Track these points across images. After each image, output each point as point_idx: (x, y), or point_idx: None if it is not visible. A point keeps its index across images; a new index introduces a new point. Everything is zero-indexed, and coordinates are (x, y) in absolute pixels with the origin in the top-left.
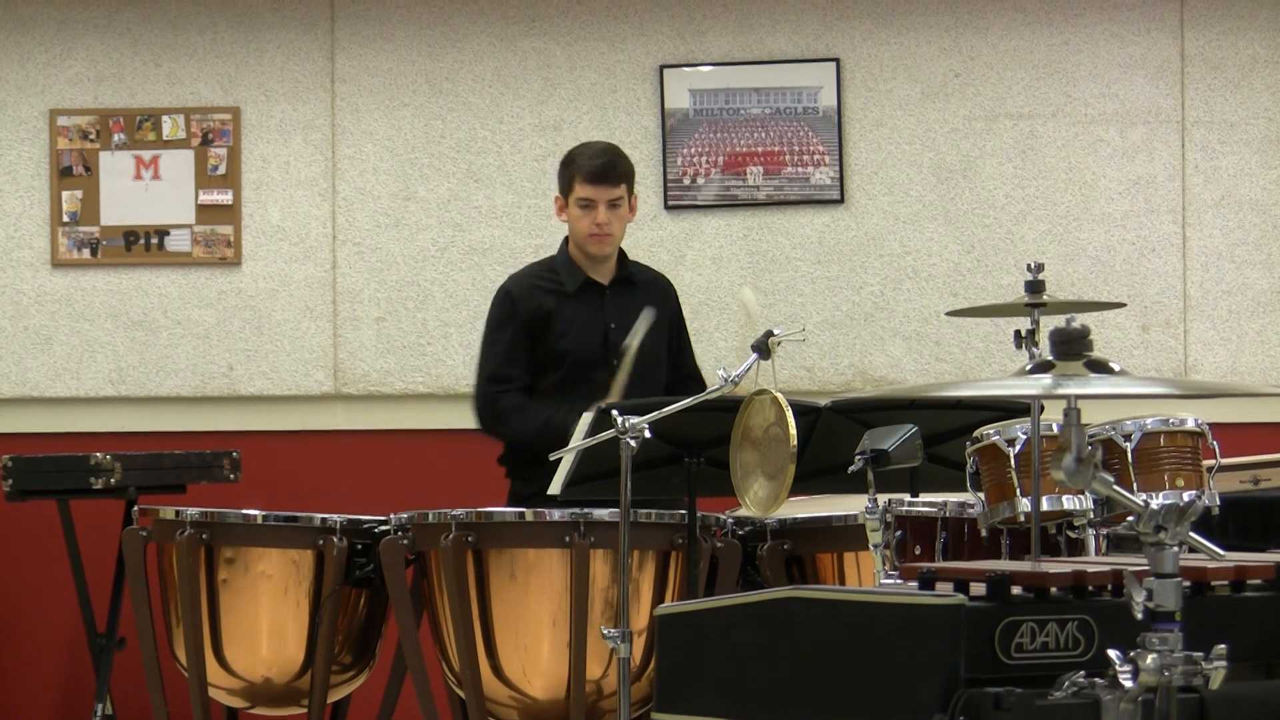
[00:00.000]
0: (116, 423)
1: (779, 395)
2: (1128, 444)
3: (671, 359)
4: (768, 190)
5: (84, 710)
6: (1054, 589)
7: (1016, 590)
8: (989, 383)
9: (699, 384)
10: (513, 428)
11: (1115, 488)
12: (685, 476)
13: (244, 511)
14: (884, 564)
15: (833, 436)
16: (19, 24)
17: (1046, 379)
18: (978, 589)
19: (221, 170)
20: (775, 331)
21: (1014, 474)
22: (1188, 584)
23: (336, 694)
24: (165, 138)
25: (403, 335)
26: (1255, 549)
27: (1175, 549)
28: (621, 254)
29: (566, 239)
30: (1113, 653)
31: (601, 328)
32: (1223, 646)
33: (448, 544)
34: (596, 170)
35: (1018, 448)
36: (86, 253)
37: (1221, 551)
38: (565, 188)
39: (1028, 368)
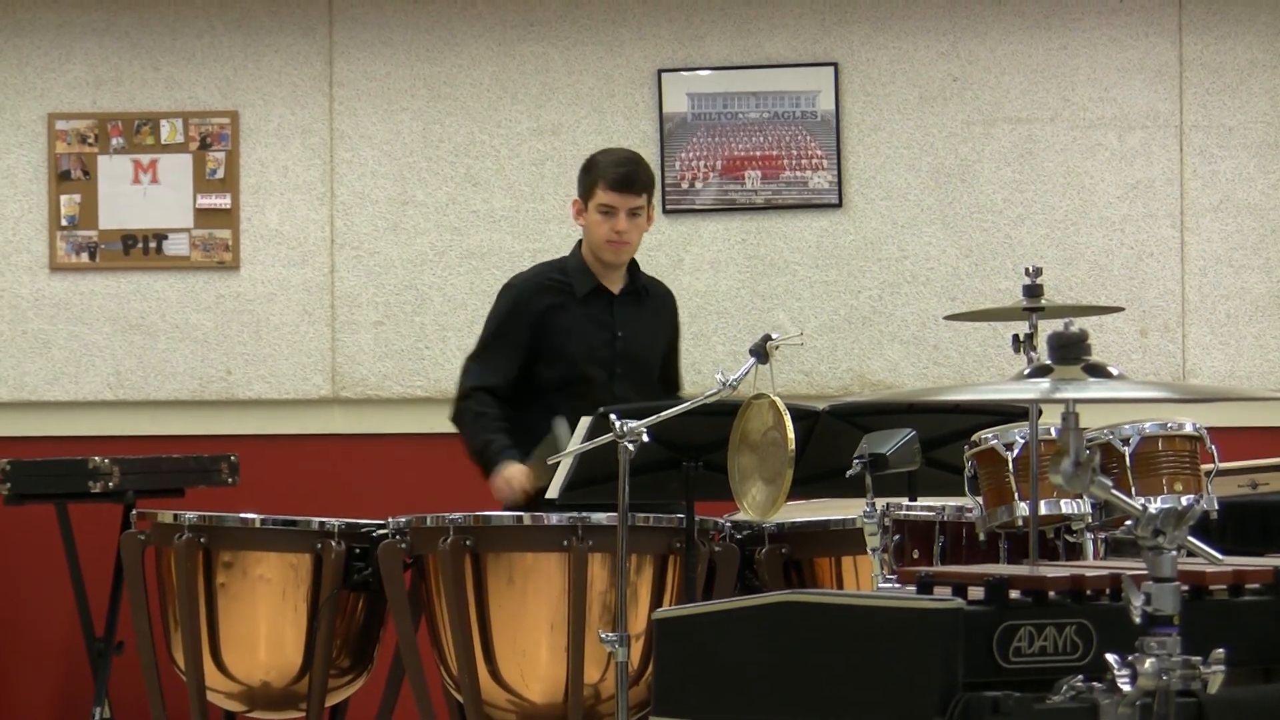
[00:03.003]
0: (115, 426)
1: (777, 399)
2: (1126, 448)
3: (662, 366)
4: (766, 194)
5: (82, 714)
6: (1052, 593)
7: (1015, 594)
8: (987, 387)
9: (673, 390)
10: (463, 432)
11: (1113, 492)
12: (683, 480)
13: (242, 515)
14: (882, 568)
15: (831, 440)
16: (17, 28)
17: (1044, 383)
18: (976, 593)
19: (220, 174)
20: (773, 335)
21: (1012, 478)
22: (1186, 588)
23: (334, 698)
24: (163, 142)
25: (400, 339)
26: (1253, 553)
27: (1173, 553)
28: (633, 263)
29: (580, 242)
30: (1111, 657)
31: (609, 336)
32: (1221, 651)
33: (446, 548)
34: (620, 178)
35: (1016, 452)
36: (85, 257)
37: (1220, 556)
38: (586, 193)
39: (1026, 372)
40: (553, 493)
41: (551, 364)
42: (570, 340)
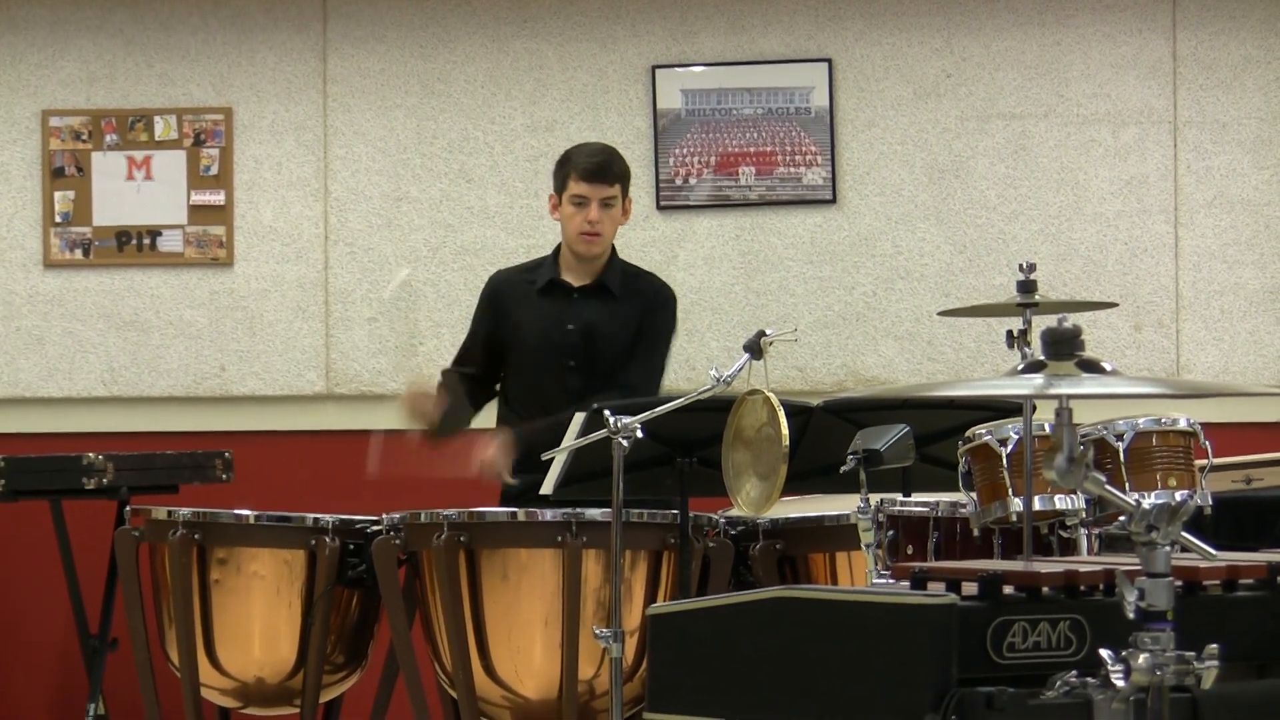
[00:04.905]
0: (109, 423)
1: (771, 395)
2: (1120, 444)
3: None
4: (760, 190)
5: (77, 711)
6: (1046, 589)
7: (1009, 590)
8: (981, 383)
9: (625, 394)
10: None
11: (1107, 487)
12: (678, 476)
13: (236, 512)
14: (876, 564)
15: (825, 436)
16: (11, 24)
17: (1038, 379)
18: (970, 589)
19: (214, 171)
20: (767, 331)
21: (1006, 474)
22: (1180, 584)
23: (329, 694)
24: (157, 138)
25: (395, 335)
26: (1247, 549)
27: (1167, 549)
28: (613, 261)
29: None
30: (1105, 652)
31: (565, 329)
32: (1215, 646)
33: (440, 544)
34: (592, 168)
35: (1010, 447)
36: (79, 253)
37: (1214, 551)
38: (560, 185)
39: (1020, 367)
40: (547, 489)
41: (512, 360)
42: (526, 333)
